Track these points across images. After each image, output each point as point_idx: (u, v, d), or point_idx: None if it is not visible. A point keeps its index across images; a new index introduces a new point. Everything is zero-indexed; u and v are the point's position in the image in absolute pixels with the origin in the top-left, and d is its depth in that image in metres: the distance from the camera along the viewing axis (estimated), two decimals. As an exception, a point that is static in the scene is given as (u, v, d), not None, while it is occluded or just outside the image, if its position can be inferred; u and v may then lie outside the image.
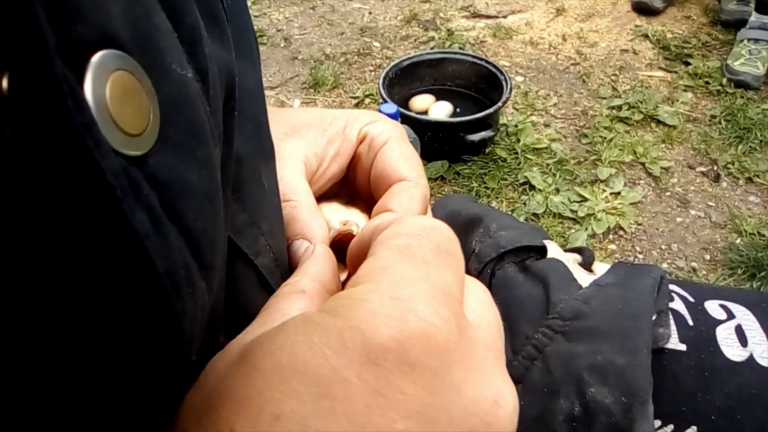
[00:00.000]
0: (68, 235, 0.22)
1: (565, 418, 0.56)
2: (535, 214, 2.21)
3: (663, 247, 2.15)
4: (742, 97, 2.66)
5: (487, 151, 2.43)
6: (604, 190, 2.31)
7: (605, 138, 2.52)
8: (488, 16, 3.38)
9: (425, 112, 2.46)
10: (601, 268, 0.71)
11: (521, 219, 2.19)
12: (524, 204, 2.25)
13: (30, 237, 0.21)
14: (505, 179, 2.34)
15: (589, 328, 0.59)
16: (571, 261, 0.71)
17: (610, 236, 2.17)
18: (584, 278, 0.67)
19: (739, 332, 0.62)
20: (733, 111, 2.58)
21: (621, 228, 2.19)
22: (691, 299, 0.67)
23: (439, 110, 2.46)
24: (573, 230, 2.17)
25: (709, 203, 2.28)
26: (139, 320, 0.26)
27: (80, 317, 0.24)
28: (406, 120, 2.23)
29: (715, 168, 2.41)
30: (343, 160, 0.55)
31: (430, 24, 3.33)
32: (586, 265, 0.71)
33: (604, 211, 2.23)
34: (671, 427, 0.57)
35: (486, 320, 0.33)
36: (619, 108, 2.67)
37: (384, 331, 0.27)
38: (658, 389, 0.57)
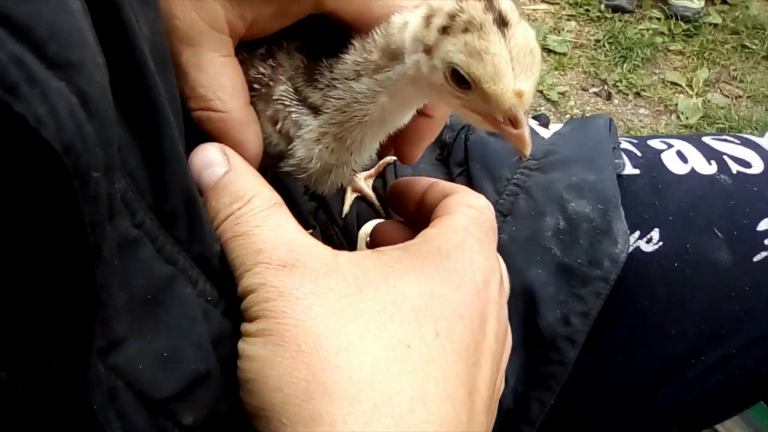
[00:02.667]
0: None
1: (552, 232, 0.68)
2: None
3: (571, 164, 2.37)
4: (620, 20, 2.94)
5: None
6: (510, 120, 2.49)
7: (503, 71, 2.71)
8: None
9: None
10: (556, 127, 0.83)
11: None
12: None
13: None
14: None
15: (560, 160, 0.71)
16: (532, 123, 0.83)
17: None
18: (545, 132, 0.79)
19: (680, 155, 0.76)
20: (614, 33, 2.85)
21: (531, 152, 2.38)
22: (636, 141, 0.81)
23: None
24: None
25: (606, 120, 2.53)
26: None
27: None
28: None
29: (606, 87, 2.65)
30: (289, 21, 0.51)
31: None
32: (544, 125, 0.83)
33: (513, 138, 2.40)
34: (638, 233, 0.70)
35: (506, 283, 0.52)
36: (511, 42, 2.86)
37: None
38: (622, 205, 0.70)
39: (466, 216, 0.49)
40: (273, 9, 0.49)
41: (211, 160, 0.47)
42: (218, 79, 0.49)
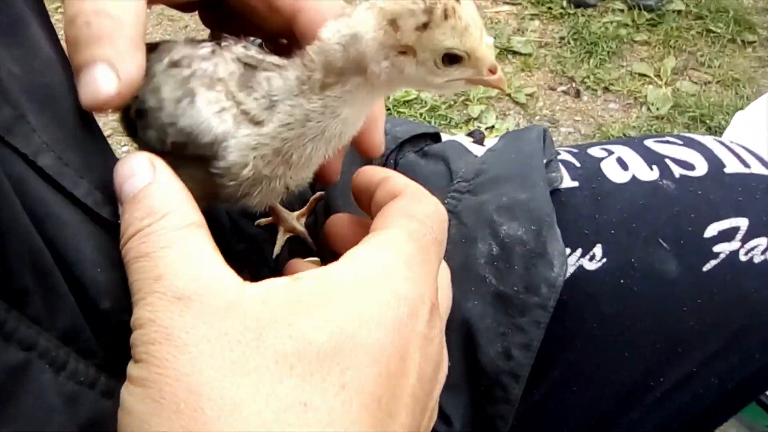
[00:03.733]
0: None
1: (486, 260, 0.64)
2: (419, 162, 2.32)
3: (544, 166, 2.34)
4: (583, 15, 2.92)
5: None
6: (479, 127, 2.46)
7: (469, 77, 2.68)
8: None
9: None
10: (491, 142, 0.79)
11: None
12: (407, 155, 2.36)
13: None
14: (383, 135, 2.43)
15: (490, 179, 0.67)
16: (466, 140, 0.79)
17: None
18: (479, 150, 0.76)
19: (620, 162, 0.73)
20: (578, 29, 2.83)
21: (502, 157, 2.35)
22: (575, 150, 0.77)
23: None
24: (459, 169, 2.31)
25: (576, 118, 2.50)
26: None
27: None
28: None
29: (574, 85, 2.63)
30: None
31: None
32: (479, 142, 0.80)
33: (483, 145, 2.38)
34: (580, 251, 0.67)
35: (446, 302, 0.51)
36: (475, 47, 2.84)
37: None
38: (561, 222, 0.67)
39: (403, 231, 0.44)
40: None
41: (134, 171, 0.43)
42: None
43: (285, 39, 0.59)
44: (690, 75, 2.65)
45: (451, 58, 0.49)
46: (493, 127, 2.46)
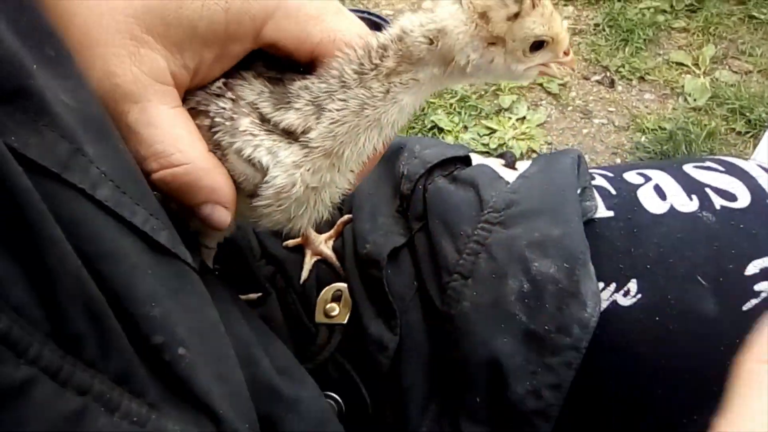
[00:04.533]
0: None
1: (516, 296, 0.63)
2: (448, 155, 2.30)
3: (576, 159, 2.29)
4: (619, 1, 2.84)
5: (387, 102, 2.49)
6: (510, 118, 2.42)
7: (500, 66, 2.64)
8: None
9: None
10: (523, 165, 0.78)
11: (436, 162, 2.28)
12: (436, 147, 2.33)
13: None
14: (413, 127, 2.41)
15: (522, 212, 0.66)
16: (496, 163, 0.78)
17: (524, 161, 2.29)
18: (510, 175, 0.74)
19: (658, 190, 0.70)
20: (613, 16, 2.75)
21: (533, 151, 2.31)
22: (611, 174, 0.75)
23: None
24: (488, 162, 2.28)
25: (609, 109, 2.45)
26: None
27: None
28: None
29: (608, 74, 2.57)
30: (231, 62, 0.51)
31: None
32: (510, 165, 0.78)
33: (513, 138, 2.34)
34: (614, 285, 0.65)
35: None
36: (507, 35, 2.79)
37: None
38: (596, 255, 0.65)
39: None
40: (214, 53, 0.49)
41: None
42: (174, 131, 0.47)
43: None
44: (730, 64, 2.57)
45: (537, 45, 0.53)
46: (524, 118, 2.42)
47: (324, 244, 0.76)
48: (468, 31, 0.51)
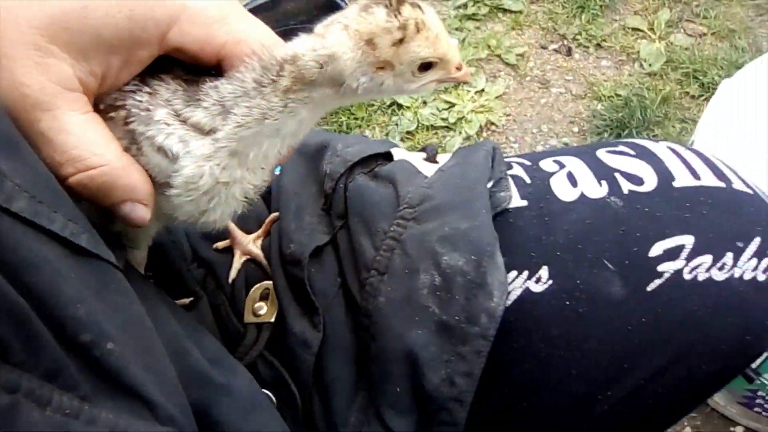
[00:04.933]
0: None
1: (429, 290, 0.65)
2: (409, 132, 2.31)
3: (534, 131, 2.31)
4: (574, -33, 2.84)
5: (346, 81, 2.48)
6: (468, 91, 2.43)
7: (458, 38, 2.63)
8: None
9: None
10: (444, 157, 0.79)
11: (396, 140, 2.29)
12: (396, 125, 2.34)
13: None
14: (372, 105, 2.41)
15: (434, 207, 0.68)
16: (417, 158, 0.79)
17: (484, 134, 2.31)
18: (430, 169, 0.76)
19: (570, 177, 0.73)
20: (569, -17, 2.75)
21: (492, 123, 2.33)
22: (528, 163, 0.77)
23: (288, 52, 2.47)
24: (448, 137, 2.29)
25: (567, 77, 2.46)
26: None
27: None
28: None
29: (566, 42, 2.58)
30: (138, 68, 0.53)
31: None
32: (431, 159, 0.80)
33: (472, 111, 2.35)
34: (526, 273, 0.67)
35: None
36: (465, 6, 2.78)
37: None
38: (509, 244, 0.67)
39: None
40: (120, 59, 0.51)
41: None
42: (87, 135, 0.49)
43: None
44: (685, 27, 2.59)
45: (425, 65, 0.56)
46: (483, 90, 2.43)
47: (252, 243, 0.78)
48: (355, 58, 0.53)
